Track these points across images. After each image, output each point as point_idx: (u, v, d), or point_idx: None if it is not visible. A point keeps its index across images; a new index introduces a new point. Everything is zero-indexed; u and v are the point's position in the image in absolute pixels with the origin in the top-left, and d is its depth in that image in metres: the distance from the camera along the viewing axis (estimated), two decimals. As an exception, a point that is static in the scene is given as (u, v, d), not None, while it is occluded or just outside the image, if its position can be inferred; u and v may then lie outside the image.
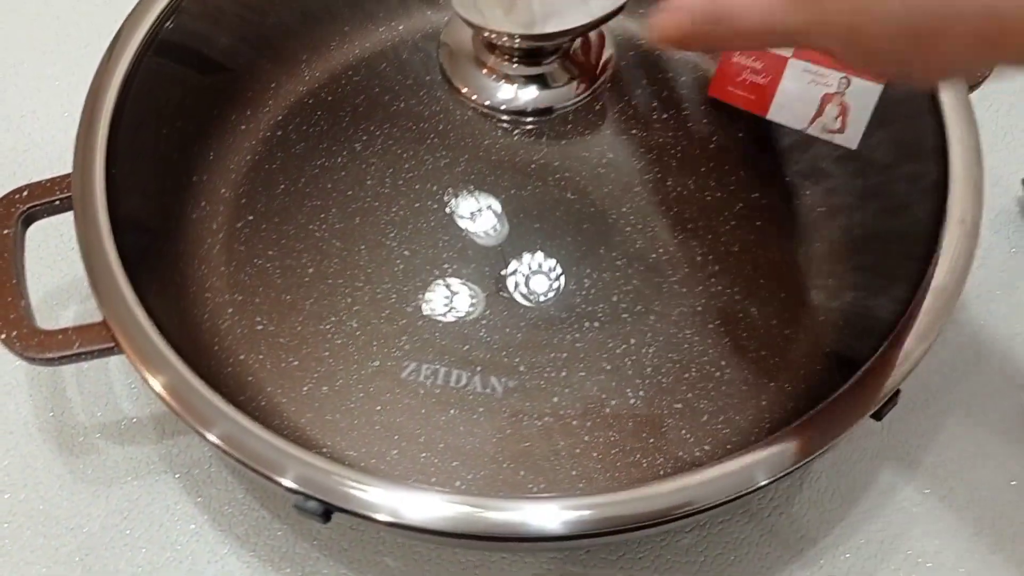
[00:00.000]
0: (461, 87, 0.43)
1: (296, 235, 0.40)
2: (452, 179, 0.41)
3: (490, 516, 0.31)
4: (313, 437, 0.36)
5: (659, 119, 0.43)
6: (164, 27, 0.42)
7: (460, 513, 0.31)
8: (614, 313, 0.38)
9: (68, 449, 0.40)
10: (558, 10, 0.39)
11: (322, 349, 0.38)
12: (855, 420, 0.32)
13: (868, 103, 0.39)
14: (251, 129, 0.43)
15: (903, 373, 0.33)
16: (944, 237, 0.35)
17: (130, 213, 0.38)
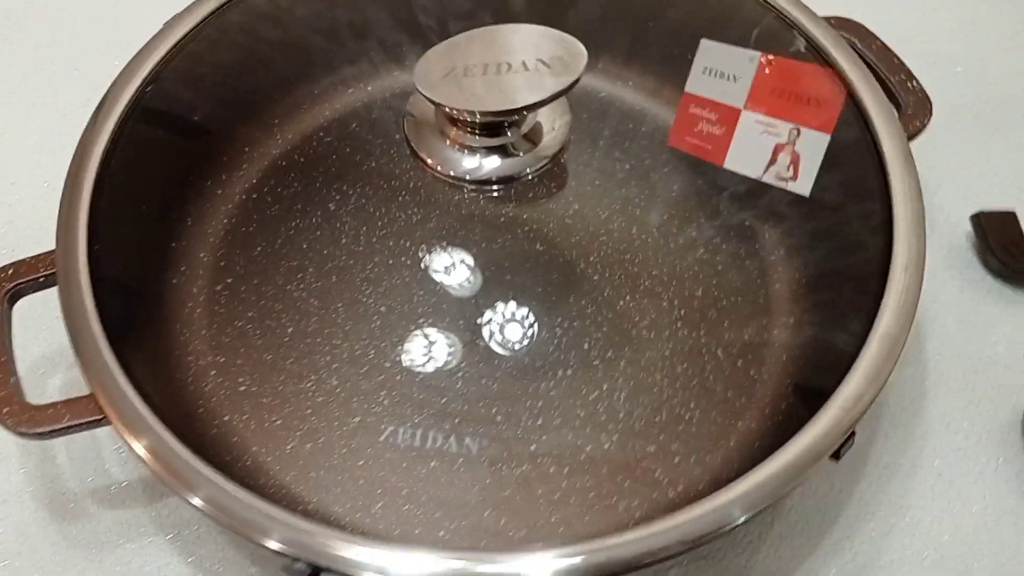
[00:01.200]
0: (426, 158, 0.44)
1: (275, 295, 0.41)
2: (424, 235, 0.43)
3: (479, 570, 0.32)
4: (298, 494, 0.37)
5: (621, 170, 0.45)
6: (145, 94, 0.43)
7: (450, 570, 0.32)
8: (586, 360, 0.40)
9: (61, 516, 0.41)
10: (516, 85, 0.41)
11: (304, 407, 0.39)
12: (813, 462, 0.33)
13: (818, 152, 0.41)
14: (227, 193, 0.45)
15: (856, 415, 0.34)
16: (890, 283, 0.37)
17: (113, 284, 0.38)
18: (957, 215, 0.48)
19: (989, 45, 0.56)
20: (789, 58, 0.43)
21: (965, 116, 0.52)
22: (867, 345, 0.35)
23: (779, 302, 0.41)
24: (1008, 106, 0.53)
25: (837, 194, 0.42)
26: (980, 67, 0.55)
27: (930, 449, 0.42)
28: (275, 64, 0.48)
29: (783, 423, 0.37)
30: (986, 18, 0.57)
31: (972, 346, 0.45)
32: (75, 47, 0.56)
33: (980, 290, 0.46)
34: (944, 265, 0.47)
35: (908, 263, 0.37)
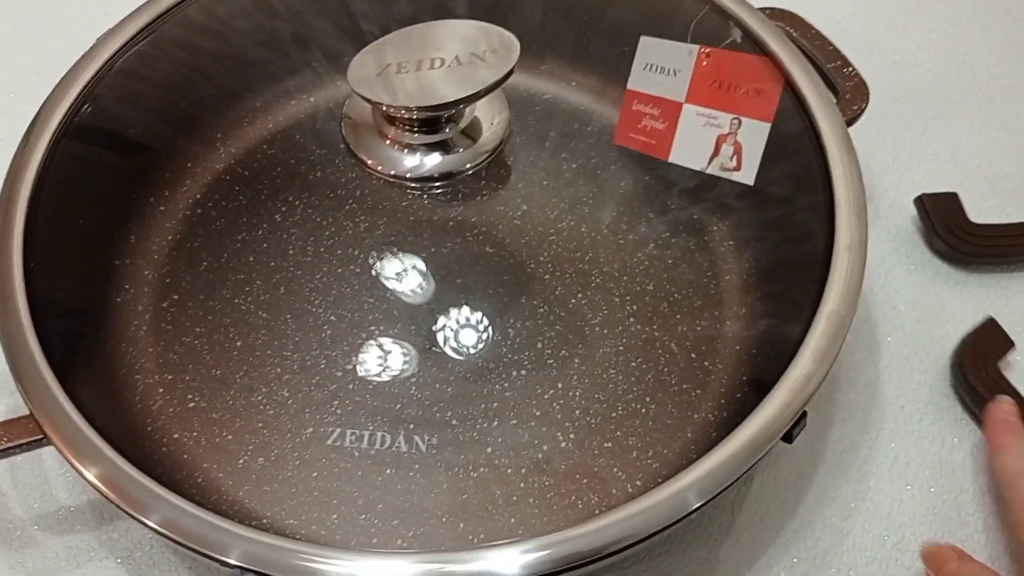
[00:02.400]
0: (366, 159, 0.44)
1: (222, 310, 0.41)
2: (372, 242, 0.42)
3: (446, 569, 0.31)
4: (252, 509, 0.36)
5: (568, 170, 0.45)
6: (81, 111, 0.43)
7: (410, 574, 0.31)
8: (540, 359, 0.39)
9: (6, 544, 0.39)
10: (449, 80, 0.41)
11: (255, 421, 0.38)
12: (767, 443, 0.33)
13: (759, 141, 0.41)
14: (171, 209, 0.44)
15: (807, 395, 0.34)
16: (833, 264, 0.37)
17: (52, 303, 0.38)
18: (901, 200, 0.49)
19: (923, 34, 0.57)
20: (726, 50, 0.44)
21: (903, 103, 0.53)
22: (814, 325, 0.35)
23: (730, 294, 0.42)
24: (944, 92, 0.54)
25: (782, 185, 0.42)
26: (915, 56, 0.55)
27: (886, 432, 0.43)
28: (215, 77, 0.48)
29: (738, 412, 0.37)
30: (919, 8, 0.58)
31: (922, 327, 0.45)
32: (11, 71, 0.55)
33: (927, 272, 0.47)
34: (891, 249, 0.48)
35: (851, 243, 0.37)
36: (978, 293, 0.46)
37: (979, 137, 0.52)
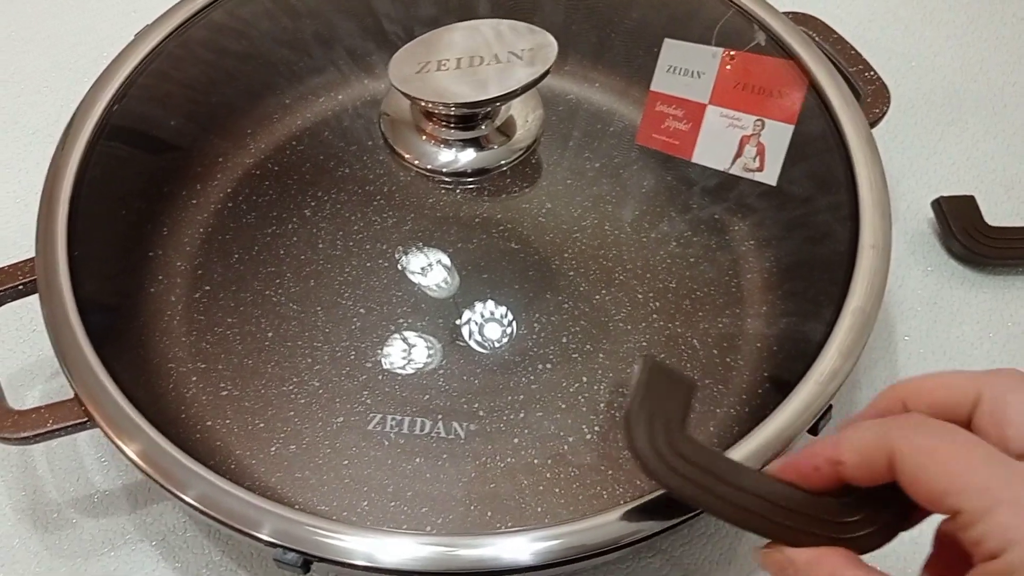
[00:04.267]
0: (403, 153, 0.45)
1: (253, 301, 0.42)
2: (400, 237, 0.43)
3: (462, 553, 0.32)
4: (284, 495, 0.37)
5: (592, 169, 0.46)
6: (114, 112, 0.44)
7: (434, 553, 0.32)
8: (565, 354, 0.40)
9: (43, 526, 0.40)
10: (487, 78, 0.42)
11: (287, 410, 0.39)
12: (792, 436, 0.34)
13: (782, 142, 0.42)
14: (202, 203, 0.45)
15: (832, 390, 0.35)
16: (858, 262, 0.38)
17: (92, 292, 0.39)
18: (918, 203, 0.50)
19: (940, 41, 0.57)
20: (751, 53, 0.44)
21: (920, 108, 0.54)
22: (840, 320, 0.36)
23: (752, 292, 0.42)
24: (960, 97, 0.55)
25: (804, 185, 0.43)
26: (932, 61, 0.56)
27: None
28: (242, 77, 0.49)
29: (760, 408, 0.38)
30: (936, 15, 0.59)
31: (939, 327, 0.46)
32: (43, 65, 0.56)
33: (944, 273, 0.48)
34: (908, 251, 0.48)
35: (876, 242, 0.38)
36: (994, 295, 0.47)
37: (995, 142, 0.53)
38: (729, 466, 0.29)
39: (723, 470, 0.28)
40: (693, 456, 0.29)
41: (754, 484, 0.28)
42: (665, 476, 0.28)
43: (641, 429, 0.29)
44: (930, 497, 0.25)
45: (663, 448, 0.29)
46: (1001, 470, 0.25)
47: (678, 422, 0.29)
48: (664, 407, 0.29)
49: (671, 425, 0.29)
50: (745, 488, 0.28)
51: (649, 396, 0.29)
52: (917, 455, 0.25)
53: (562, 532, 0.33)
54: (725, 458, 0.29)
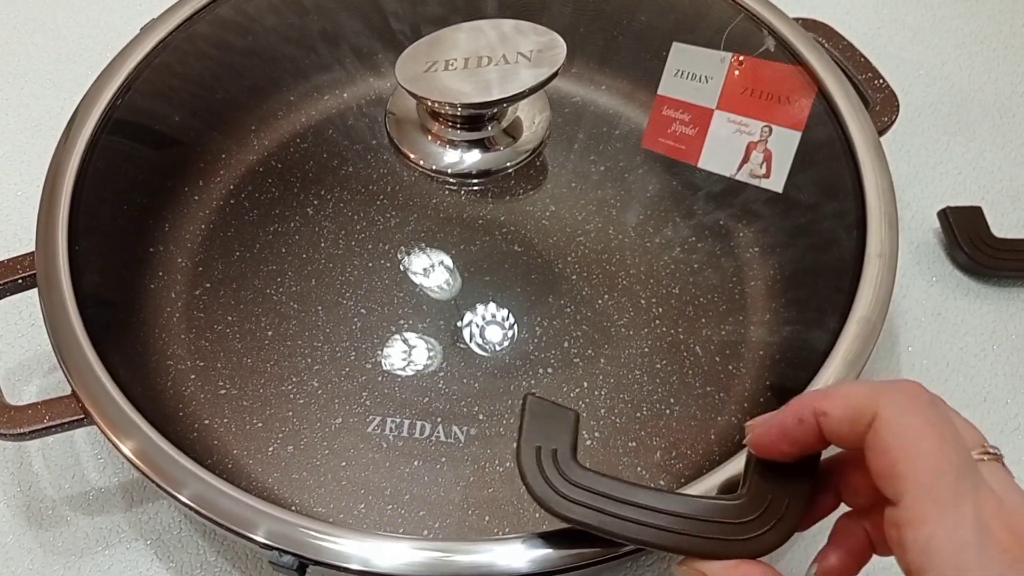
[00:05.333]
0: (409, 153, 0.45)
1: (254, 299, 0.42)
2: (403, 238, 0.43)
3: (458, 559, 0.32)
4: (281, 496, 0.36)
5: (597, 172, 0.45)
6: (117, 106, 0.44)
7: (430, 558, 0.32)
8: (566, 358, 0.40)
9: (38, 523, 0.40)
10: (495, 78, 0.42)
11: (285, 409, 0.39)
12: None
13: (789, 149, 0.42)
14: (204, 199, 0.45)
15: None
16: (864, 271, 0.37)
17: (92, 287, 0.38)
18: (924, 212, 0.50)
19: (948, 49, 0.57)
20: (759, 58, 0.44)
21: (927, 117, 0.54)
22: (845, 329, 0.36)
23: (755, 299, 0.42)
24: (968, 107, 0.54)
25: (811, 192, 0.43)
26: (940, 70, 0.56)
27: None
28: (247, 73, 0.49)
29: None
30: (945, 23, 0.58)
31: (943, 338, 0.46)
32: (47, 58, 0.56)
33: (949, 284, 0.47)
34: (913, 261, 0.48)
35: (882, 251, 0.38)
36: (999, 307, 0.47)
37: (1002, 152, 0.52)
38: (623, 487, 0.29)
39: (618, 492, 0.29)
40: (586, 483, 0.29)
41: (651, 501, 0.29)
42: (560, 508, 0.29)
43: (531, 465, 0.30)
44: (885, 473, 0.25)
45: (555, 481, 0.29)
46: (965, 485, 0.24)
47: (567, 452, 0.30)
48: (551, 440, 0.30)
49: (560, 456, 0.30)
50: (642, 506, 0.29)
51: (534, 431, 0.30)
52: (898, 429, 0.25)
53: (561, 539, 0.32)
54: (619, 480, 0.30)
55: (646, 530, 0.28)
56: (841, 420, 0.26)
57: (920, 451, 0.24)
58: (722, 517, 0.28)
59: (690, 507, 0.28)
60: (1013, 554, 0.23)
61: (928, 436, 0.24)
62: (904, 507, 0.24)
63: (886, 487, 0.24)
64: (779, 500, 0.28)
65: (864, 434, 0.25)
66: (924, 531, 0.23)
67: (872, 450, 0.25)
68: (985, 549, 0.23)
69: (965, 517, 0.23)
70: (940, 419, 0.25)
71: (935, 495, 0.23)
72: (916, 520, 0.23)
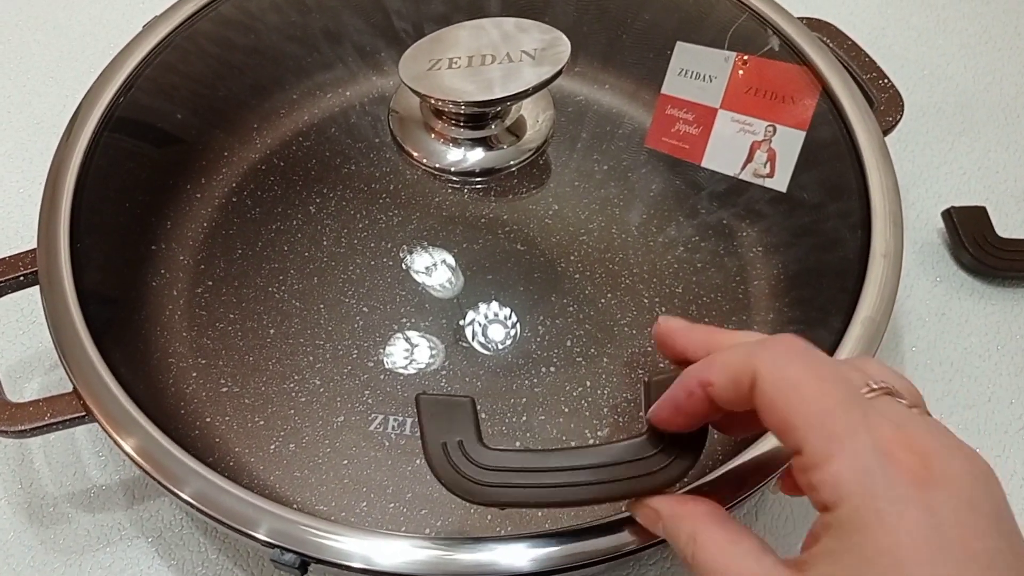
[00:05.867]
0: (412, 151, 0.45)
1: (256, 298, 0.41)
2: (405, 236, 0.43)
3: (459, 557, 0.32)
4: (283, 494, 0.36)
5: (600, 171, 0.45)
6: (120, 104, 0.44)
7: (432, 556, 0.32)
8: (569, 357, 0.40)
9: (39, 520, 0.40)
10: (499, 77, 0.42)
11: (287, 408, 0.39)
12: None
13: (793, 148, 0.42)
14: (207, 197, 0.45)
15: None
16: (869, 270, 0.37)
17: (93, 285, 0.38)
18: (928, 212, 0.49)
19: (953, 50, 0.57)
20: (764, 57, 0.44)
21: (932, 117, 0.54)
22: (849, 330, 0.36)
23: (759, 299, 0.42)
24: (972, 107, 0.54)
25: (815, 192, 0.43)
26: (944, 70, 0.56)
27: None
28: (250, 71, 0.49)
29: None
30: (949, 24, 0.58)
31: (947, 338, 0.45)
32: (49, 56, 0.56)
33: (953, 284, 0.47)
34: (917, 261, 0.48)
35: (887, 251, 0.38)
36: (1003, 307, 0.46)
37: (1007, 152, 0.52)
38: (533, 456, 0.30)
39: (530, 462, 0.30)
40: (498, 463, 0.30)
41: (562, 461, 0.30)
42: (481, 496, 0.30)
43: (441, 463, 0.30)
44: (778, 428, 0.25)
45: (468, 471, 0.30)
46: (855, 416, 0.24)
47: (472, 439, 0.30)
48: (454, 432, 0.30)
49: (466, 444, 0.30)
50: (556, 468, 0.29)
51: (435, 429, 0.30)
52: (778, 383, 0.25)
53: (563, 538, 0.32)
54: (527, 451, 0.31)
55: (565, 490, 0.29)
56: (725, 387, 0.26)
57: (803, 397, 0.24)
58: (632, 456, 0.29)
59: (599, 456, 0.29)
60: (917, 474, 0.23)
61: (807, 381, 0.24)
62: (806, 454, 0.24)
63: (786, 441, 0.25)
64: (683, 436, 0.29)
65: (750, 396, 0.25)
66: (829, 469, 0.23)
67: (761, 410, 0.25)
68: (888, 472, 0.23)
69: (862, 446, 0.23)
70: (817, 362, 0.25)
71: (828, 432, 0.23)
72: (819, 461, 0.23)
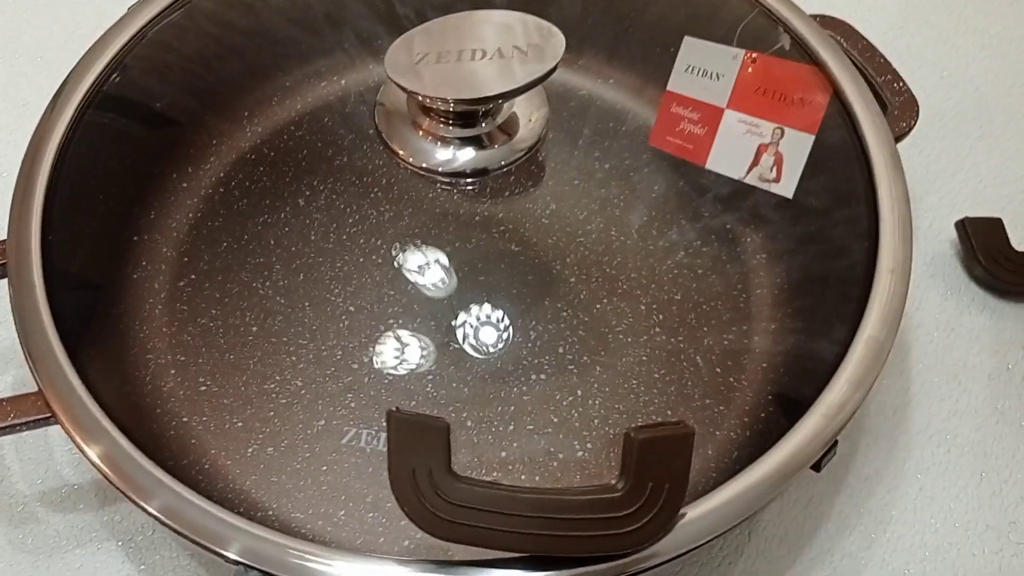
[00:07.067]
0: (398, 150, 0.43)
1: (239, 293, 0.40)
2: (397, 233, 0.42)
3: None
4: (258, 500, 0.35)
5: (600, 170, 0.44)
6: (108, 82, 0.42)
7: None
8: (560, 365, 0.38)
9: (7, 519, 0.39)
10: (489, 73, 0.40)
11: (267, 409, 0.37)
12: (793, 472, 0.32)
13: (801, 153, 0.40)
14: (193, 186, 0.43)
15: (839, 424, 0.33)
16: (875, 286, 0.36)
17: (68, 276, 0.37)
18: (941, 222, 0.48)
19: (973, 51, 0.55)
20: (774, 56, 0.42)
21: (949, 121, 0.52)
22: (852, 350, 0.34)
23: (760, 308, 0.41)
24: (992, 112, 0.52)
25: (822, 199, 0.41)
26: (964, 73, 0.54)
27: (912, 462, 0.41)
28: (246, 54, 0.47)
29: (763, 432, 0.36)
30: (971, 24, 0.56)
31: (956, 356, 0.44)
32: (39, 36, 0.55)
33: (964, 298, 0.46)
34: (928, 273, 0.47)
35: (895, 266, 0.36)
36: (1016, 324, 0.45)
37: (1026, 161, 0.50)
38: (502, 498, 0.29)
39: (497, 504, 0.29)
40: (465, 500, 0.29)
41: (531, 507, 0.29)
42: (444, 532, 0.29)
43: (405, 487, 0.29)
44: None
45: (434, 504, 0.29)
46: None
47: (441, 467, 0.29)
48: (423, 457, 0.29)
49: (435, 473, 0.29)
50: (523, 514, 0.29)
51: (403, 451, 0.29)
52: None
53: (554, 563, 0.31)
54: (497, 489, 0.29)
55: (530, 539, 0.29)
56: None
57: None
58: (605, 511, 0.28)
59: (571, 507, 0.28)
60: None
61: None
62: None
63: None
64: (659, 487, 0.28)
65: None
66: None
67: None
68: None
69: None
70: None
71: None
72: None
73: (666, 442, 0.29)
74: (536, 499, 0.29)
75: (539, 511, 0.28)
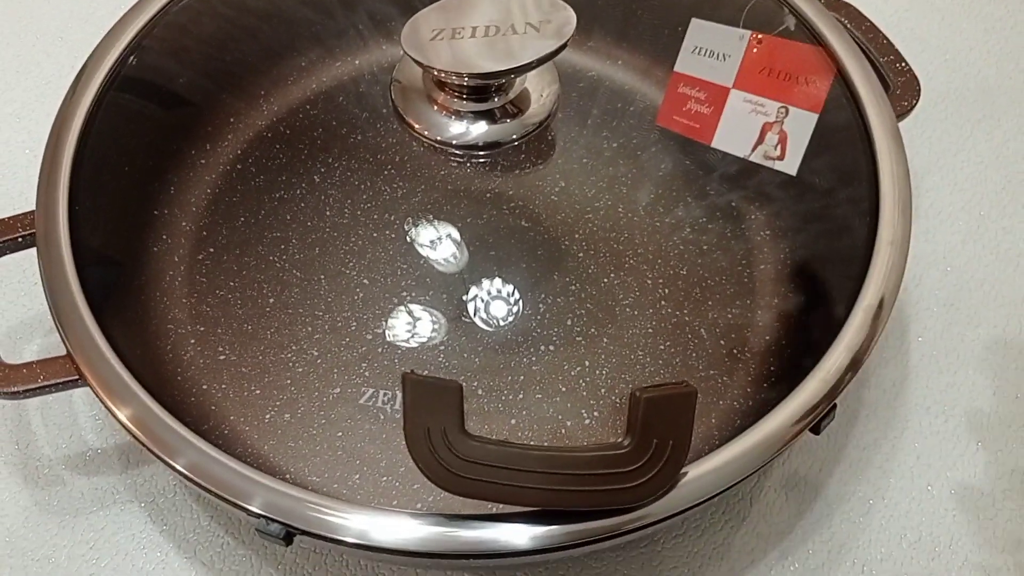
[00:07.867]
0: (413, 123, 0.44)
1: (256, 266, 0.41)
2: (410, 208, 0.42)
3: (454, 534, 0.32)
4: (276, 464, 0.36)
5: (609, 148, 0.45)
6: (127, 63, 0.43)
7: (428, 533, 0.32)
8: (568, 336, 0.39)
9: (33, 481, 0.40)
10: (503, 49, 0.41)
11: (283, 378, 0.38)
12: (794, 434, 0.33)
13: (805, 131, 0.41)
14: (211, 163, 0.44)
15: (838, 387, 0.34)
16: (875, 258, 0.37)
17: (92, 248, 0.38)
18: (942, 201, 0.48)
19: (976, 34, 0.56)
20: (779, 37, 0.43)
21: (951, 102, 0.53)
22: (851, 317, 0.35)
23: (764, 283, 0.41)
24: (994, 94, 0.53)
25: (825, 176, 0.42)
26: (967, 55, 0.55)
27: (910, 431, 0.42)
28: (261, 35, 0.48)
29: (764, 402, 0.37)
30: (974, 7, 0.57)
31: (955, 329, 0.45)
32: (59, 16, 0.56)
33: (964, 274, 0.47)
34: (928, 249, 0.47)
35: (894, 239, 0.37)
36: (1014, 299, 0.46)
37: (1027, 142, 0.51)
38: (514, 454, 0.30)
39: (509, 461, 0.30)
40: (478, 456, 0.30)
41: (542, 463, 0.30)
42: (457, 487, 0.30)
43: (420, 445, 0.30)
44: None
45: (448, 460, 0.30)
46: None
47: (455, 427, 0.30)
48: (437, 417, 0.30)
49: (449, 432, 0.30)
50: (534, 470, 0.30)
51: (418, 411, 0.30)
52: None
53: (562, 516, 0.32)
54: (509, 447, 0.30)
55: (540, 493, 0.30)
56: None
57: None
58: (612, 467, 0.30)
59: (580, 463, 0.30)
60: None
61: None
62: None
63: None
64: (663, 443, 0.30)
65: None
66: None
67: None
68: None
69: None
70: None
71: None
72: None
73: (670, 400, 0.30)
74: (546, 456, 0.30)
75: (549, 467, 0.30)
